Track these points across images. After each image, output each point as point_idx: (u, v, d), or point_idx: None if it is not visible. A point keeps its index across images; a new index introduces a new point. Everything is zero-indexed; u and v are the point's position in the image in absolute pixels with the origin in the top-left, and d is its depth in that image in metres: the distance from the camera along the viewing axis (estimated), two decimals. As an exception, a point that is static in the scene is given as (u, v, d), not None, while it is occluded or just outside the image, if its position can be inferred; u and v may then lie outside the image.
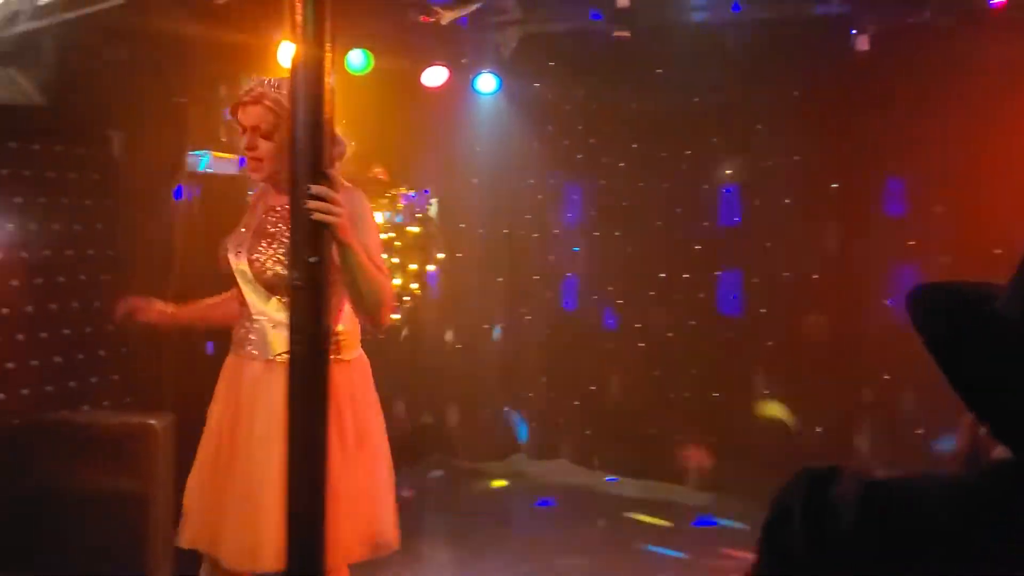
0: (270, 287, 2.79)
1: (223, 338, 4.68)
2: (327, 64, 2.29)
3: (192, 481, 2.92)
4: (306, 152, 2.32)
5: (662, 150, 6.10)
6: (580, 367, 6.31)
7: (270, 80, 2.84)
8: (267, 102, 2.77)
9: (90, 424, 3.91)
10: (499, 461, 6.37)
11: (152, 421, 3.82)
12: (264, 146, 2.78)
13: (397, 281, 6.03)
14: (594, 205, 6.36)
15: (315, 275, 2.32)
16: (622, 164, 6.22)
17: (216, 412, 2.90)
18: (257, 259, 2.81)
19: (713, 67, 5.70)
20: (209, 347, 4.59)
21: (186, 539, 2.89)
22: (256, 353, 2.82)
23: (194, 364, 4.64)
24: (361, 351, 2.97)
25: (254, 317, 2.83)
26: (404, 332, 6.23)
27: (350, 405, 2.82)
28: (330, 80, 2.30)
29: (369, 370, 2.99)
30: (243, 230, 2.90)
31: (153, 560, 3.79)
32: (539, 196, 6.48)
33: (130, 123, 4.60)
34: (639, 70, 5.93)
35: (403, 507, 5.35)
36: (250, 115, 2.79)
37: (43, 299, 4.18)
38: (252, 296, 2.83)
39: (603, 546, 5.02)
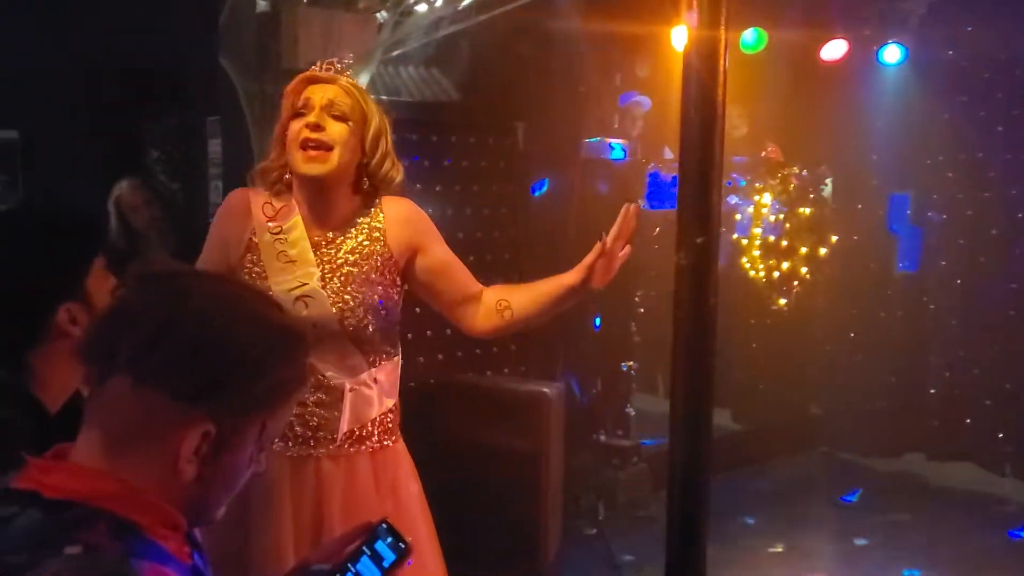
0: (363, 343, 2.13)
1: (608, 312, 4.92)
2: (721, 47, 2.29)
3: None
4: (697, 136, 2.34)
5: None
6: (992, 362, 5.69)
7: (330, 61, 2.20)
8: (344, 82, 2.13)
9: (492, 388, 4.29)
10: (891, 458, 5.97)
11: (545, 389, 4.10)
12: (336, 129, 2.08)
13: (785, 265, 5.87)
14: (1015, 183, 5.67)
15: (702, 255, 2.34)
16: (1053, 136, 5.49)
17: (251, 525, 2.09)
18: (350, 309, 2.10)
19: None
20: (596, 323, 4.82)
21: None
22: (326, 445, 2.11)
23: (582, 338, 4.91)
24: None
25: (332, 384, 2.11)
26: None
27: (392, 501, 2.18)
28: (724, 63, 2.30)
29: (409, 456, 2.30)
30: (288, 263, 2.10)
31: (545, 516, 4.08)
32: (948, 174, 5.92)
33: (534, 113, 4.93)
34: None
35: (785, 496, 5.31)
36: (321, 92, 2.09)
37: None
38: (324, 356, 2.08)
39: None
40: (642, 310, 5.01)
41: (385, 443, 2.18)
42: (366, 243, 2.15)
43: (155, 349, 1.07)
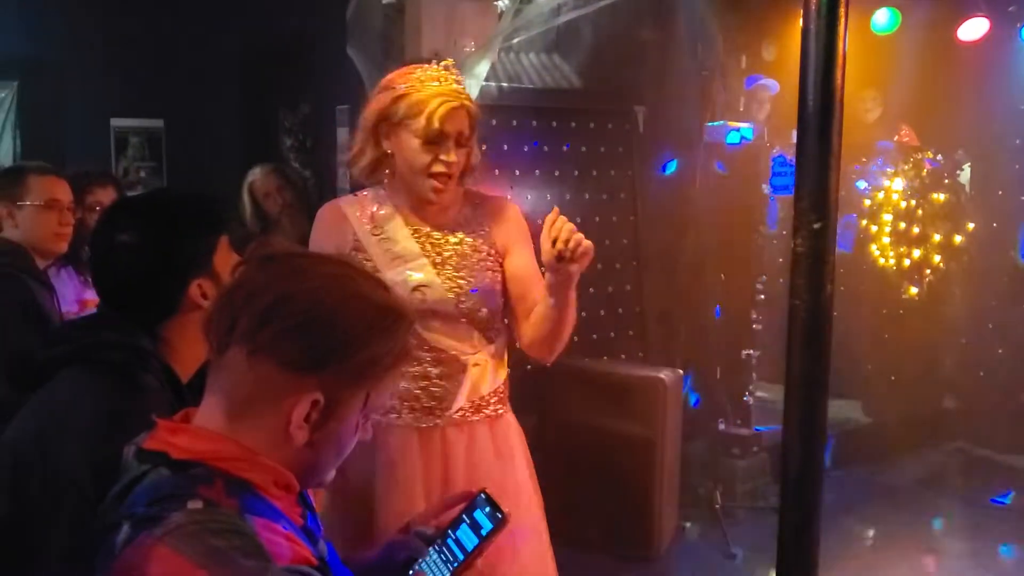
0: (478, 322, 2.23)
1: (729, 300, 4.83)
2: (840, 28, 2.23)
3: None
4: (815, 119, 2.29)
5: None
6: None
7: (447, 66, 2.23)
8: (469, 104, 2.19)
9: (608, 373, 4.31)
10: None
11: (661, 375, 4.09)
12: (460, 159, 2.19)
13: (917, 253, 5.65)
14: None
15: (818, 241, 2.30)
16: None
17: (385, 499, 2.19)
18: (465, 293, 2.21)
19: None
20: (716, 311, 4.76)
21: None
22: (449, 411, 2.22)
23: (701, 325, 4.86)
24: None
25: (454, 360, 2.21)
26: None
27: (510, 465, 2.29)
28: (843, 44, 2.24)
29: (518, 424, 2.38)
30: (398, 259, 2.21)
31: (659, 502, 4.07)
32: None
33: (654, 98, 4.90)
34: None
35: (915, 492, 5.12)
36: (454, 123, 2.15)
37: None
38: (445, 336, 2.20)
39: None
40: (763, 297, 4.92)
41: (499, 411, 2.29)
42: (470, 237, 2.25)
43: (269, 322, 1.15)
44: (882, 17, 5.26)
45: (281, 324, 1.15)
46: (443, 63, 2.23)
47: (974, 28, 5.37)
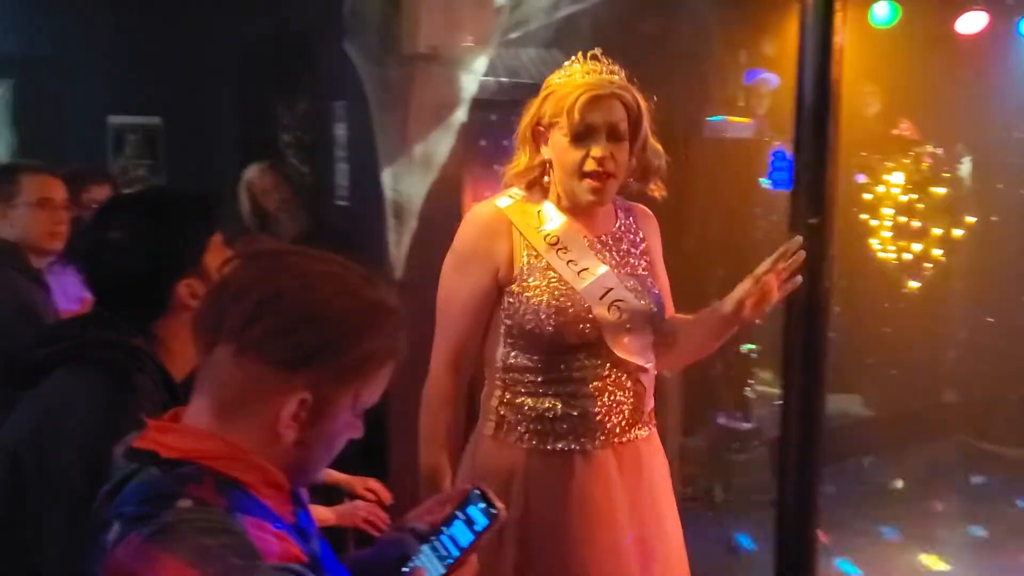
0: (656, 331, 2.13)
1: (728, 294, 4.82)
2: (837, 22, 2.24)
3: None
4: (812, 115, 2.30)
5: None
6: None
7: (595, 55, 2.08)
8: (625, 94, 2.02)
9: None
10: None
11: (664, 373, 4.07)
12: (618, 156, 1.99)
13: (917, 247, 5.65)
14: None
15: (815, 237, 2.30)
16: None
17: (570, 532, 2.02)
18: (655, 303, 2.09)
19: None
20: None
21: None
22: (642, 433, 2.10)
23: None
24: None
25: (642, 371, 2.08)
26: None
27: (667, 496, 2.18)
28: (840, 39, 2.24)
29: None
30: (583, 271, 2.02)
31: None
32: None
33: (654, 92, 4.88)
34: None
35: (916, 485, 5.12)
36: (603, 115, 1.97)
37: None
38: (637, 350, 2.06)
39: None
40: (764, 292, 4.92)
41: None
42: (636, 248, 2.14)
43: (257, 320, 1.14)
44: (881, 10, 5.25)
45: (269, 322, 1.14)
46: (591, 52, 2.07)
47: (973, 21, 5.37)
